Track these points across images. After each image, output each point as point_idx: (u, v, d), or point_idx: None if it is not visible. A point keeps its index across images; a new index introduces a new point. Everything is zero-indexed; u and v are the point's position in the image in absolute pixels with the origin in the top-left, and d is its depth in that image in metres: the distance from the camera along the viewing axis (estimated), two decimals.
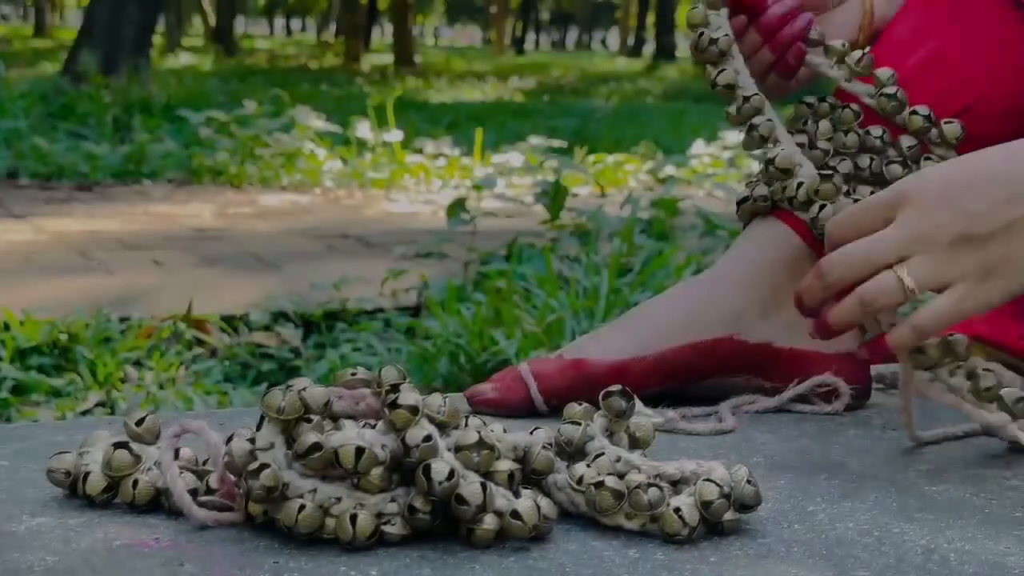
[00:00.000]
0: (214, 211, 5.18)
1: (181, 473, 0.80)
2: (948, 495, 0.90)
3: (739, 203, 1.18)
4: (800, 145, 1.15)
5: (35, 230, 4.44)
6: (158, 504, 0.80)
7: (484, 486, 0.74)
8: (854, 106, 1.14)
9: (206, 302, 3.09)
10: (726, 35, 1.11)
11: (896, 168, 1.13)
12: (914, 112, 1.13)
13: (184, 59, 18.45)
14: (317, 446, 0.74)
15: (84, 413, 2.29)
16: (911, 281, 0.86)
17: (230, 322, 2.98)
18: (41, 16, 30.05)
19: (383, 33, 40.74)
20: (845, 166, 1.14)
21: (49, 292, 3.22)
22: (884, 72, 1.14)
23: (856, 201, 1.12)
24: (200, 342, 2.84)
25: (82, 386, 2.47)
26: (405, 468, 0.76)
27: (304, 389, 0.76)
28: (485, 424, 0.79)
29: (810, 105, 1.18)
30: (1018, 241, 0.85)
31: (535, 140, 6.34)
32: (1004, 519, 0.85)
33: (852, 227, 0.90)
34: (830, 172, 1.11)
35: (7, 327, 2.68)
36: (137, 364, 2.64)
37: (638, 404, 0.87)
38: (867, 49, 1.17)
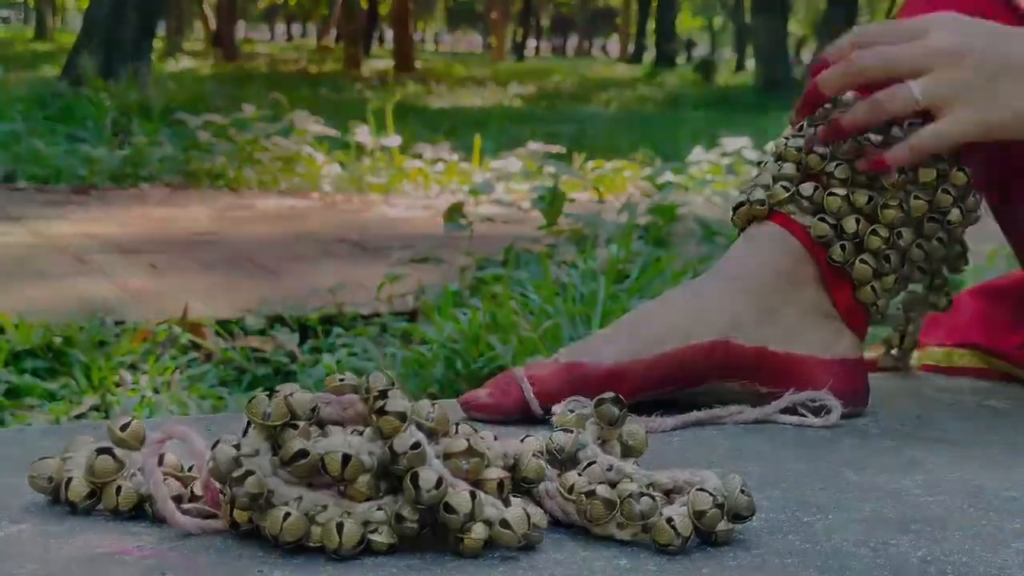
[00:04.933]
0: (211, 215, 5.17)
1: (165, 479, 0.78)
2: (945, 506, 0.88)
3: (735, 208, 1.17)
4: (798, 150, 1.14)
5: (31, 233, 4.43)
6: (142, 511, 0.79)
7: (473, 494, 0.73)
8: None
9: (202, 306, 3.08)
10: None
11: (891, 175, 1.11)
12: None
13: (184, 63, 18.47)
14: (303, 453, 0.73)
15: (78, 417, 2.28)
16: (919, 93, 1.00)
17: (226, 326, 2.97)
18: (42, 19, 30.07)
19: (383, 39, 40.75)
20: (842, 171, 1.12)
21: (44, 295, 3.21)
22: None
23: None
24: (196, 346, 2.83)
25: (76, 390, 2.45)
26: (393, 476, 0.74)
27: (290, 395, 0.75)
28: (475, 431, 0.78)
29: None
30: (1012, 85, 0.99)
31: (534, 146, 6.32)
32: (1002, 531, 0.83)
33: (881, 34, 1.04)
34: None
35: (1, 330, 2.67)
36: (132, 368, 2.63)
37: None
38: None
